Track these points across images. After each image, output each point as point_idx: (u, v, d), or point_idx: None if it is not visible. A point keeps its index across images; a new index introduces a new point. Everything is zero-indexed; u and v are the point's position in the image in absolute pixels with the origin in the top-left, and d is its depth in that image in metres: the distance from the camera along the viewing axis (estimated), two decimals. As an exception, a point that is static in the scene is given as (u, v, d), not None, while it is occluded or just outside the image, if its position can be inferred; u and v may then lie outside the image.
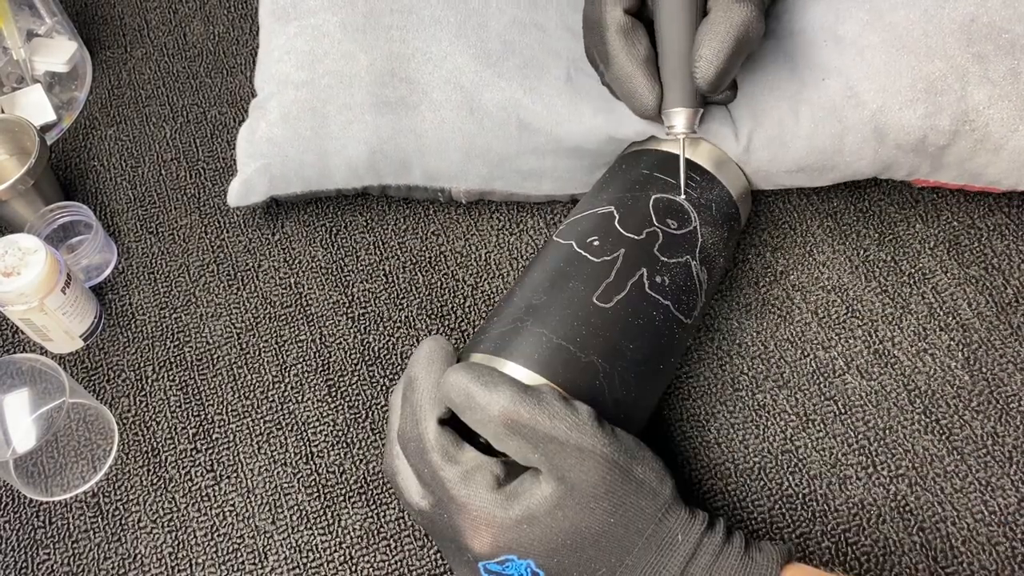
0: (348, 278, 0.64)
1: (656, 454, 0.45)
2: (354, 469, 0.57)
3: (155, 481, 0.57)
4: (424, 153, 0.60)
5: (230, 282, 0.65)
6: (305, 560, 0.54)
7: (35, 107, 0.73)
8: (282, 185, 0.63)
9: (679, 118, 0.53)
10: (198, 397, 0.60)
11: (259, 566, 0.54)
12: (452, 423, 0.46)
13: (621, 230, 0.52)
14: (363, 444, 0.57)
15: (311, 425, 0.58)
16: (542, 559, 0.43)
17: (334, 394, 0.59)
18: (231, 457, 0.58)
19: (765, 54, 0.58)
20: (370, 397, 0.59)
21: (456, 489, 0.43)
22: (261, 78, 0.64)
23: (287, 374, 0.60)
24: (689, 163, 0.56)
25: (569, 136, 0.58)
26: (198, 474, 0.57)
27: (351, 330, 0.62)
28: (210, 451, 0.58)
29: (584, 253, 0.51)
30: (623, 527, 0.43)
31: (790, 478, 0.54)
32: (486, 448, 0.46)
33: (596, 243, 0.52)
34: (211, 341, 0.62)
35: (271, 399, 0.60)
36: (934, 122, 0.55)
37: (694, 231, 0.54)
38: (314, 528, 0.55)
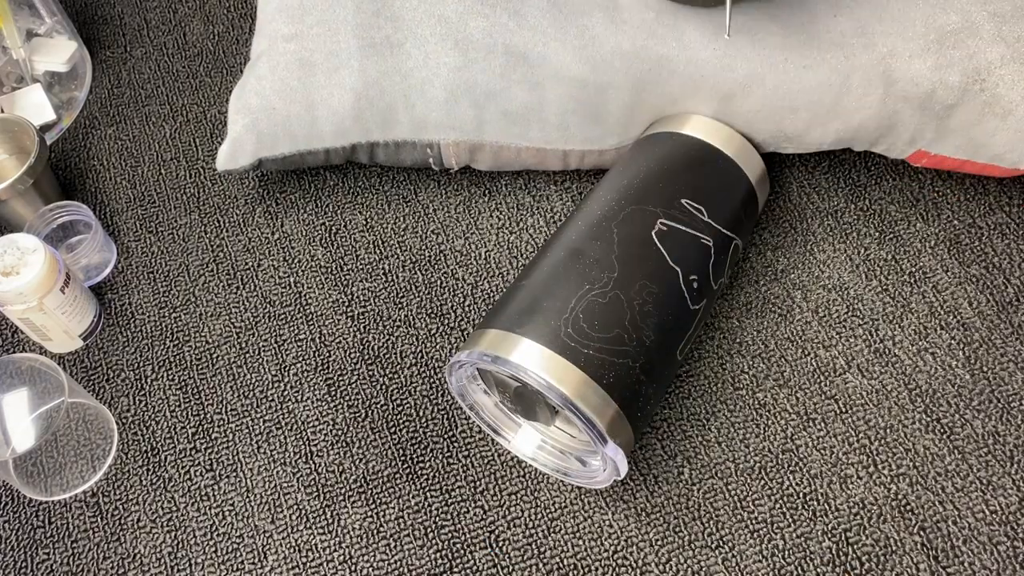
0: (348, 277, 0.64)
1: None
2: (354, 469, 0.56)
3: (154, 481, 0.57)
4: (409, 95, 0.60)
5: (230, 282, 0.65)
6: (305, 560, 0.54)
7: (35, 107, 0.73)
8: (270, 143, 0.62)
9: None
10: (198, 397, 0.60)
11: (259, 566, 0.54)
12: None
13: (711, 277, 0.54)
14: (363, 444, 0.57)
15: (311, 425, 0.58)
16: None
17: (334, 394, 0.59)
18: (231, 457, 0.58)
19: None
20: (370, 397, 0.59)
21: None
22: (255, 43, 0.65)
23: (287, 374, 0.60)
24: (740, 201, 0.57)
25: (555, 56, 0.58)
26: (197, 474, 0.57)
27: (351, 329, 0.62)
28: (210, 451, 0.58)
29: (685, 293, 0.52)
30: None
31: (790, 477, 0.54)
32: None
33: (696, 285, 0.52)
34: (211, 341, 0.62)
35: (271, 399, 0.59)
36: (944, 76, 0.55)
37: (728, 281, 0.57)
38: (314, 528, 0.55)
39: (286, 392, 0.60)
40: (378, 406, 0.59)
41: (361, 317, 0.62)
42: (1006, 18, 0.54)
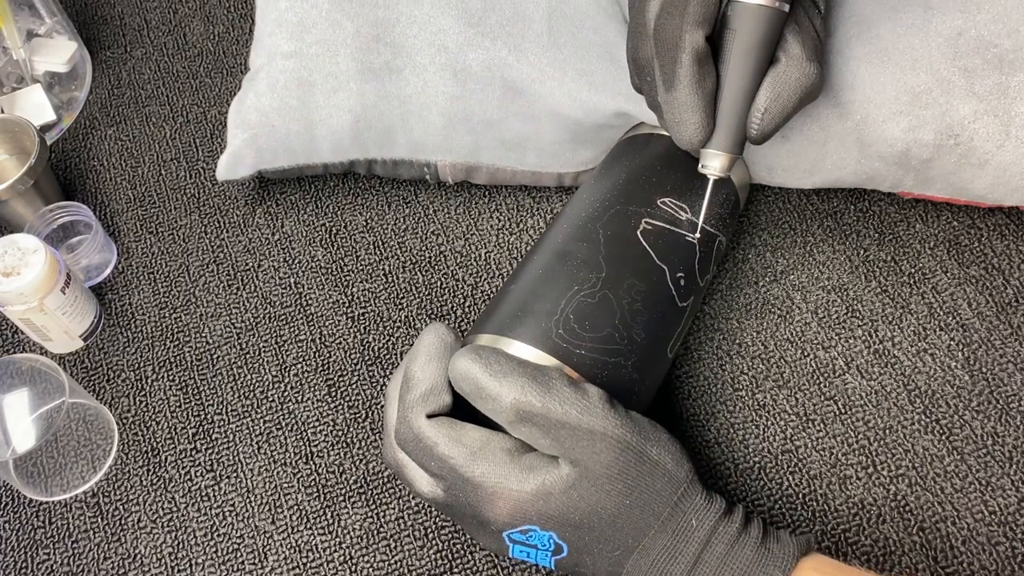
0: (348, 278, 0.64)
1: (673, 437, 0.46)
2: (354, 469, 0.57)
3: (155, 481, 0.57)
4: (407, 120, 0.60)
5: (230, 282, 0.65)
6: (305, 560, 0.54)
7: (35, 107, 0.73)
8: (269, 158, 0.63)
9: (719, 161, 0.51)
10: (198, 397, 0.60)
11: (259, 566, 0.54)
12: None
13: (698, 274, 0.53)
14: (363, 444, 0.57)
15: (311, 425, 0.58)
16: (563, 532, 0.44)
17: (334, 394, 0.59)
18: (231, 457, 0.58)
19: None
20: (370, 397, 0.59)
21: (467, 470, 0.44)
22: (254, 53, 0.65)
23: (287, 374, 0.60)
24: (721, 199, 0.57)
25: (552, 95, 0.58)
26: (198, 474, 0.57)
27: (351, 330, 0.62)
28: (210, 451, 0.58)
29: (673, 291, 0.52)
30: (639, 509, 0.43)
31: (790, 478, 0.54)
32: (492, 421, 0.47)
33: (683, 282, 0.52)
34: (211, 341, 0.62)
35: (271, 399, 0.60)
36: (917, 135, 0.55)
37: (715, 276, 0.57)
38: (314, 528, 0.55)
39: (286, 393, 0.60)
40: (378, 407, 0.59)
41: (361, 318, 0.62)
42: (976, 72, 0.54)
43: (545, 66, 0.59)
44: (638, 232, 0.52)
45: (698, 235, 0.54)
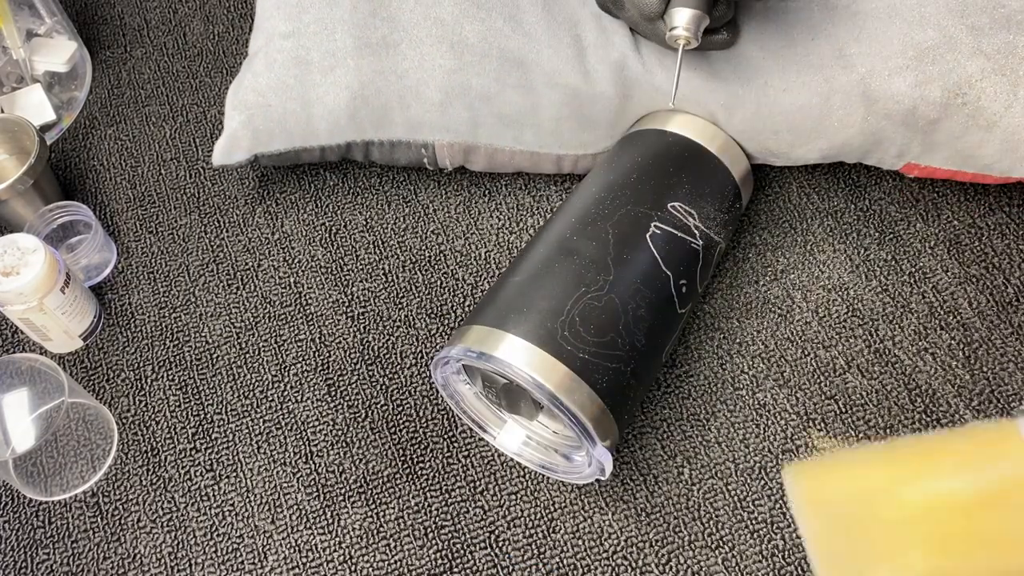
0: (348, 278, 0.64)
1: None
2: (354, 469, 0.57)
3: (155, 481, 0.57)
4: (405, 96, 0.61)
5: (230, 282, 0.65)
6: (305, 560, 0.54)
7: (35, 107, 0.73)
8: (265, 140, 0.63)
9: (683, 16, 0.49)
10: (198, 397, 0.60)
11: (259, 566, 0.54)
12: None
13: (698, 281, 0.54)
14: (363, 444, 0.57)
15: (311, 425, 0.58)
16: None
17: (334, 394, 0.59)
18: (231, 457, 0.58)
19: (753, 14, 0.58)
20: (370, 397, 0.59)
21: None
22: (253, 39, 0.65)
23: (287, 374, 0.60)
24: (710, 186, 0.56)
25: (548, 63, 0.59)
26: (198, 474, 0.57)
27: (351, 330, 0.62)
28: (210, 451, 0.58)
29: (675, 298, 0.52)
30: None
31: (790, 477, 0.54)
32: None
33: (684, 289, 0.52)
34: (211, 341, 0.62)
35: (271, 399, 0.59)
36: (924, 92, 0.55)
37: (714, 276, 0.57)
38: (314, 528, 0.55)
39: (286, 392, 0.60)
40: (378, 406, 0.59)
41: (361, 317, 0.62)
42: (984, 31, 0.54)
43: (540, 35, 0.59)
44: (647, 236, 0.52)
45: (672, 104, 0.54)
